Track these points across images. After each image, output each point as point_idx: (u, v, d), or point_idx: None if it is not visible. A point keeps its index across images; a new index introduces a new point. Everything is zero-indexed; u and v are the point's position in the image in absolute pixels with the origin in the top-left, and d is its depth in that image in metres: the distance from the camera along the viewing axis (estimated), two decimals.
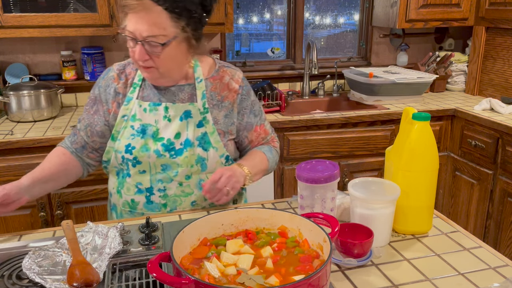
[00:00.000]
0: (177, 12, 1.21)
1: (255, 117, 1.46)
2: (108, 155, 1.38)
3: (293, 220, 0.99)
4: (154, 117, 1.34)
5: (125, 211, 1.39)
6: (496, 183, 2.40)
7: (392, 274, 1.02)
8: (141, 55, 1.22)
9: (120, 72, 1.39)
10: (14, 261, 1.04)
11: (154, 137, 1.33)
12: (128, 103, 1.36)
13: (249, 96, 1.45)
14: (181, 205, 1.37)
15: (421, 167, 1.15)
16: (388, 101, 2.74)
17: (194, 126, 1.34)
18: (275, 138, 1.56)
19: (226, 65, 1.45)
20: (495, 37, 2.80)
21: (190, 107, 1.35)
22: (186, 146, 1.33)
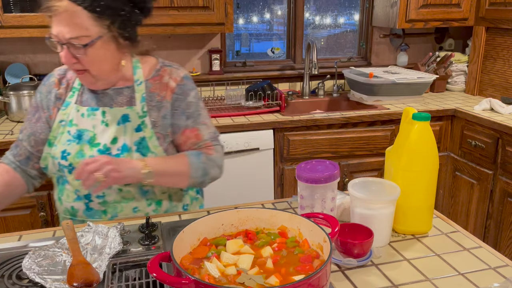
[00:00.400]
0: (99, 11, 1.17)
1: (186, 120, 1.35)
2: (45, 161, 1.33)
3: (293, 220, 0.99)
4: (92, 122, 1.29)
5: (66, 218, 1.34)
6: (496, 183, 2.40)
7: (392, 274, 1.02)
8: (67, 58, 1.19)
9: (61, 77, 1.36)
10: (14, 261, 1.04)
11: (90, 142, 1.28)
12: (66, 107, 1.32)
13: (186, 97, 1.35)
14: (122, 212, 1.32)
15: (421, 167, 1.15)
16: (388, 101, 2.74)
17: (132, 131, 1.29)
18: (213, 146, 1.39)
19: (167, 64, 1.39)
20: (495, 37, 2.80)
21: (128, 111, 1.30)
22: (123, 151, 1.28)
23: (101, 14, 1.18)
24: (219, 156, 1.39)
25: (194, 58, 2.89)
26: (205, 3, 2.44)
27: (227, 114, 2.48)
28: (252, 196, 2.47)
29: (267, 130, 2.41)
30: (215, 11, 2.47)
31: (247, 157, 2.42)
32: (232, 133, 2.36)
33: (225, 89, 2.78)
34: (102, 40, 1.20)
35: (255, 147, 2.40)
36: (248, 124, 2.37)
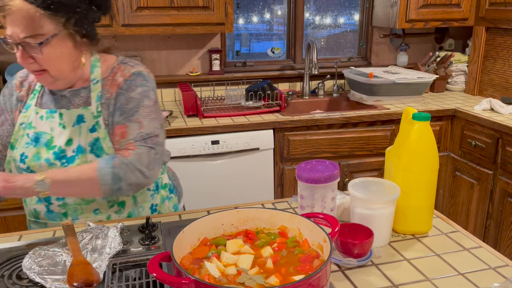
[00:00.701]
0: (53, 8, 1.15)
1: (120, 116, 1.27)
2: (8, 165, 1.30)
3: (293, 220, 0.99)
4: (50, 125, 1.27)
5: (32, 221, 1.34)
6: (496, 183, 2.40)
7: (392, 274, 1.02)
8: (23, 58, 1.17)
9: (23, 79, 1.35)
10: (14, 261, 1.04)
11: (47, 145, 1.26)
12: (26, 110, 1.30)
13: (129, 92, 1.27)
14: (82, 214, 1.30)
15: (421, 167, 1.15)
16: (388, 101, 2.74)
17: (87, 131, 1.26)
18: (134, 147, 1.24)
19: (125, 62, 1.34)
20: (495, 37, 2.80)
21: (83, 111, 1.27)
22: (78, 153, 1.25)
23: (55, 11, 1.15)
24: (139, 158, 1.22)
25: (194, 58, 2.89)
26: (205, 3, 2.44)
27: (227, 114, 2.48)
28: (252, 196, 2.47)
29: (267, 130, 2.41)
30: (215, 11, 2.47)
31: (247, 157, 2.42)
32: (232, 133, 2.36)
33: (225, 89, 2.78)
34: (57, 38, 1.18)
35: (255, 147, 2.40)
36: (248, 124, 2.37)
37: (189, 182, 2.38)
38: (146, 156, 1.24)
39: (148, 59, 2.82)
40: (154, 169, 1.26)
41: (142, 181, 1.23)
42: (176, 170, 2.41)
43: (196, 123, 2.37)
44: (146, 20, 2.40)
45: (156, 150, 1.26)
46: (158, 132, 1.28)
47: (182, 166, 2.33)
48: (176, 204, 1.51)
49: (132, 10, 2.36)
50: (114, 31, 2.38)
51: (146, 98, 1.28)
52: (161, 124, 1.31)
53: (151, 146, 1.26)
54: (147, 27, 2.42)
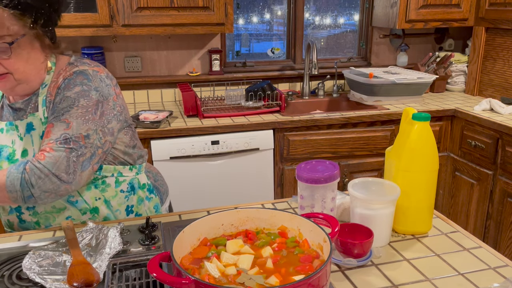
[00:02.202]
0: (20, 8, 1.12)
1: (51, 114, 1.20)
2: None
3: (293, 220, 0.99)
4: (11, 138, 1.23)
5: (7, 231, 1.32)
6: (496, 183, 2.40)
7: (392, 274, 1.02)
8: None
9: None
10: (14, 261, 1.04)
11: (9, 159, 1.23)
12: None
13: (65, 91, 1.19)
14: (55, 222, 1.27)
15: (421, 167, 1.15)
16: (388, 101, 2.74)
17: (38, 139, 1.21)
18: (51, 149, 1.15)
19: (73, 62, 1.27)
20: (495, 37, 2.80)
21: (31, 119, 1.22)
22: None
23: (23, 11, 1.13)
24: (55, 162, 1.13)
25: (194, 58, 2.89)
26: (205, 3, 2.44)
27: (227, 114, 2.48)
28: (252, 196, 2.47)
29: (267, 130, 2.42)
30: (215, 11, 2.47)
31: (247, 157, 2.42)
32: (232, 133, 2.36)
33: (225, 89, 2.78)
34: (25, 38, 1.15)
35: (255, 147, 2.41)
36: (248, 124, 2.37)
37: (189, 182, 2.38)
38: (64, 159, 1.14)
39: (148, 59, 2.82)
40: (76, 173, 1.16)
41: (59, 187, 1.14)
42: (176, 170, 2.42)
43: (196, 123, 2.37)
44: (146, 20, 2.40)
45: (79, 152, 1.16)
46: (91, 133, 1.19)
47: (182, 166, 2.33)
48: (157, 204, 1.44)
49: (132, 10, 2.36)
50: (114, 31, 2.38)
51: (84, 98, 1.19)
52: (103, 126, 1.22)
53: (73, 147, 1.16)
54: (147, 27, 2.42)
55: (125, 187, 1.34)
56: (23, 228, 1.29)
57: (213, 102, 2.72)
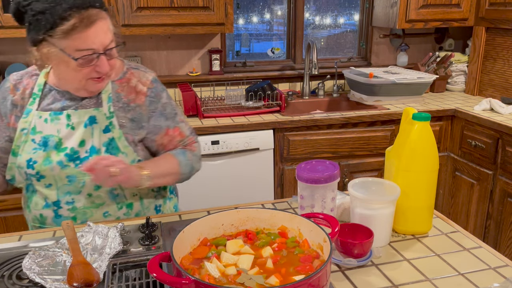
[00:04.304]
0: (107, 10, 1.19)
1: (166, 120, 1.36)
2: (11, 171, 1.29)
3: (293, 220, 0.99)
4: (56, 127, 1.26)
5: (35, 226, 1.33)
6: (496, 183, 2.40)
7: (392, 274, 1.02)
8: (107, 66, 1.18)
9: (17, 82, 1.30)
10: (14, 261, 1.04)
11: (57, 148, 1.25)
12: (27, 115, 1.27)
13: (159, 99, 1.35)
14: (92, 217, 1.30)
15: (421, 167, 1.15)
16: (388, 101, 2.74)
17: (100, 132, 1.27)
18: (194, 140, 1.44)
19: (134, 67, 1.37)
20: (495, 37, 2.80)
21: (94, 113, 1.27)
22: (92, 153, 1.26)
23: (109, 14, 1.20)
24: (200, 149, 1.44)
25: (194, 58, 2.89)
26: (205, 3, 2.44)
27: (227, 114, 2.48)
28: (252, 196, 2.47)
29: (267, 130, 2.41)
30: (215, 11, 2.47)
31: (247, 157, 2.42)
32: (232, 133, 2.36)
33: (225, 89, 2.78)
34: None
35: (255, 147, 2.41)
36: (248, 124, 2.37)
37: (189, 182, 2.38)
38: (200, 146, 1.46)
39: (148, 59, 2.82)
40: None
41: (200, 168, 1.44)
42: None
43: (196, 123, 2.37)
44: (146, 20, 2.40)
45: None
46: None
47: None
48: (176, 205, 1.52)
49: (132, 10, 2.36)
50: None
51: (171, 100, 1.41)
52: None
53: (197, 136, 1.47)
54: (147, 27, 2.42)
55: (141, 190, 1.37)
56: (56, 223, 1.30)
57: (213, 102, 2.72)
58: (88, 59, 1.15)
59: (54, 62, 1.18)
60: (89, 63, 1.16)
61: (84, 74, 1.18)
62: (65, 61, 1.15)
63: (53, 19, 1.09)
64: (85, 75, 1.19)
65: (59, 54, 1.14)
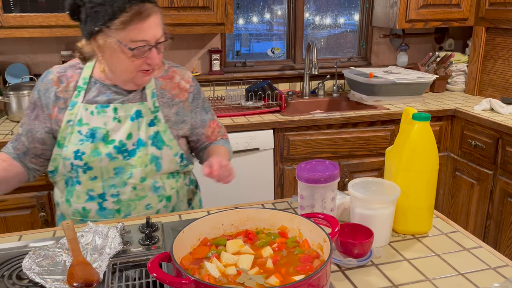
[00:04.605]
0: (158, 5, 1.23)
1: (206, 114, 1.48)
2: (54, 163, 1.33)
3: (293, 220, 0.99)
4: (103, 120, 1.29)
5: (76, 220, 1.35)
6: (496, 183, 2.40)
7: (392, 274, 1.02)
8: (158, 58, 1.24)
9: (61, 75, 1.33)
10: (14, 261, 1.04)
11: (104, 140, 1.29)
12: (73, 107, 1.30)
13: (200, 95, 1.46)
14: (135, 209, 1.34)
15: (421, 167, 1.15)
16: (388, 101, 2.74)
17: (145, 126, 1.32)
18: (225, 130, 1.59)
19: (175, 65, 1.44)
20: (495, 37, 2.80)
21: (140, 107, 1.32)
22: (139, 146, 1.31)
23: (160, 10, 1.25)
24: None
25: (194, 58, 2.89)
26: (205, 3, 2.44)
27: (227, 114, 2.48)
28: (252, 196, 2.47)
29: (267, 130, 2.41)
30: (215, 11, 2.47)
31: (247, 157, 2.42)
32: (232, 133, 2.36)
33: (225, 89, 2.78)
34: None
35: (255, 147, 2.40)
36: (248, 124, 2.37)
37: None
38: None
39: None
40: None
41: None
42: None
43: None
44: None
45: None
46: None
47: None
48: (200, 199, 1.58)
49: None
50: None
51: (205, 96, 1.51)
52: None
53: None
54: None
55: (187, 180, 1.47)
56: (101, 216, 1.33)
57: (213, 102, 2.72)
58: (141, 50, 1.20)
59: (107, 53, 1.23)
60: (142, 54, 1.21)
61: (136, 66, 1.23)
62: (119, 52, 1.20)
63: (112, 10, 1.15)
64: (137, 67, 1.23)
65: (114, 45, 1.19)
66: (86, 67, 1.33)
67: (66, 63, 1.38)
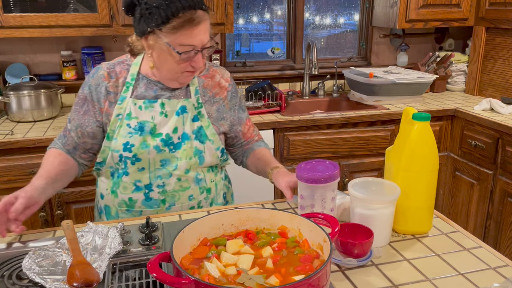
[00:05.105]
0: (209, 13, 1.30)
1: (243, 112, 1.55)
2: (103, 154, 1.38)
3: (293, 220, 0.99)
4: (150, 114, 1.36)
5: (122, 210, 1.40)
6: (496, 183, 2.40)
7: (392, 274, 1.02)
8: (202, 62, 1.30)
9: (110, 70, 1.39)
10: (14, 261, 1.04)
11: (152, 133, 1.35)
12: (122, 102, 1.36)
13: (237, 94, 1.52)
14: (179, 200, 1.39)
15: (421, 167, 1.15)
16: (388, 101, 2.74)
17: (190, 121, 1.38)
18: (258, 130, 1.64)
19: (214, 65, 1.51)
20: (495, 37, 2.80)
21: (185, 103, 1.38)
22: (184, 139, 1.37)
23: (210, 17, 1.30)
24: None
25: None
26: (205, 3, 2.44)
27: None
28: (252, 196, 2.47)
29: (267, 130, 2.41)
30: (215, 11, 2.47)
31: None
32: None
33: None
34: None
35: None
36: None
37: None
38: None
39: None
40: None
41: None
42: None
43: None
44: None
45: None
46: None
47: None
48: (233, 194, 1.63)
49: None
50: (114, 31, 2.38)
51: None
52: None
53: None
54: None
55: (223, 175, 1.53)
56: (146, 206, 1.38)
57: None
58: (188, 54, 1.26)
59: (156, 52, 1.29)
60: (189, 58, 1.27)
61: (181, 68, 1.29)
62: (167, 53, 1.26)
63: (166, 15, 1.21)
64: (182, 69, 1.30)
65: (163, 46, 1.25)
66: (134, 64, 1.39)
67: (114, 60, 1.44)
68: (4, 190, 2.11)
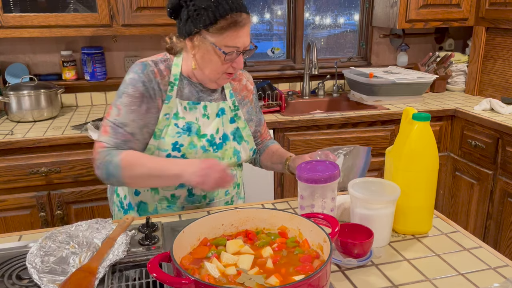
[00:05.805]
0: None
1: (261, 114, 1.61)
2: (148, 152, 1.36)
3: (293, 220, 0.99)
4: (195, 115, 1.38)
5: (162, 206, 1.41)
6: (496, 183, 2.40)
7: (392, 274, 1.02)
8: (242, 63, 1.33)
9: (158, 68, 1.37)
10: (14, 261, 1.04)
11: (197, 134, 1.38)
12: (169, 101, 1.35)
13: (257, 96, 1.60)
14: (217, 195, 1.44)
15: (421, 167, 1.15)
16: (388, 101, 2.74)
17: (227, 122, 1.44)
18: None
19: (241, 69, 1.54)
20: (495, 37, 2.80)
21: (223, 105, 1.43)
22: (225, 140, 1.41)
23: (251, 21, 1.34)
24: None
25: None
26: None
27: None
28: (252, 196, 2.47)
29: None
30: None
31: None
32: None
33: None
34: None
35: None
36: None
37: None
38: None
39: None
40: None
41: None
42: None
43: None
44: (146, 20, 2.40)
45: None
46: None
47: None
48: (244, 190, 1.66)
49: (132, 10, 2.36)
50: (114, 31, 2.38)
51: None
52: None
53: None
54: (147, 27, 2.42)
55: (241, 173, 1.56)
56: (189, 201, 1.41)
57: None
58: (232, 55, 1.29)
59: (200, 53, 1.31)
60: (232, 59, 1.31)
61: (223, 68, 1.32)
62: (212, 53, 1.29)
63: (214, 16, 1.24)
64: (224, 69, 1.32)
65: (209, 47, 1.28)
66: (174, 65, 1.38)
67: (153, 57, 1.39)
68: (4, 190, 2.11)
